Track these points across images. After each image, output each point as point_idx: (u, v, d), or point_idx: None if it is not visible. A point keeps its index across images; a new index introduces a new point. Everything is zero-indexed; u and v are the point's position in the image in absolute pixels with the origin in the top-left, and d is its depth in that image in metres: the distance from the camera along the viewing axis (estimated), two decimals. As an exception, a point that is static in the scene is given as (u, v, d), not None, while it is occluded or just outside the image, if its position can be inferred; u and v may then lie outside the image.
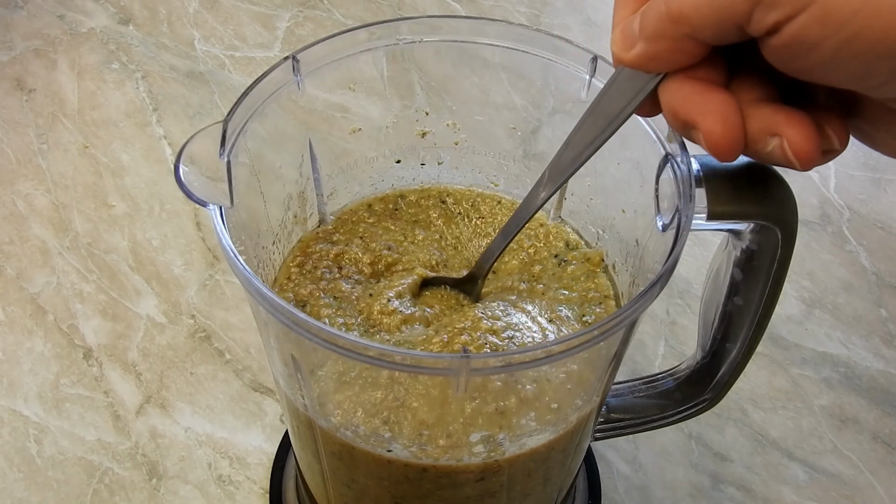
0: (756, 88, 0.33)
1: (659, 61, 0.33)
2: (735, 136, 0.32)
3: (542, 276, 0.49)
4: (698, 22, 0.31)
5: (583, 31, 0.95)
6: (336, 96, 0.47)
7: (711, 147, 0.33)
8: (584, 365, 0.41)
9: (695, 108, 0.33)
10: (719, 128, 0.32)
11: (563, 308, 0.47)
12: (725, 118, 0.32)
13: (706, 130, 0.32)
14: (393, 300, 0.46)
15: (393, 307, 0.45)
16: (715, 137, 0.32)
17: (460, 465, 0.41)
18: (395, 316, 0.45)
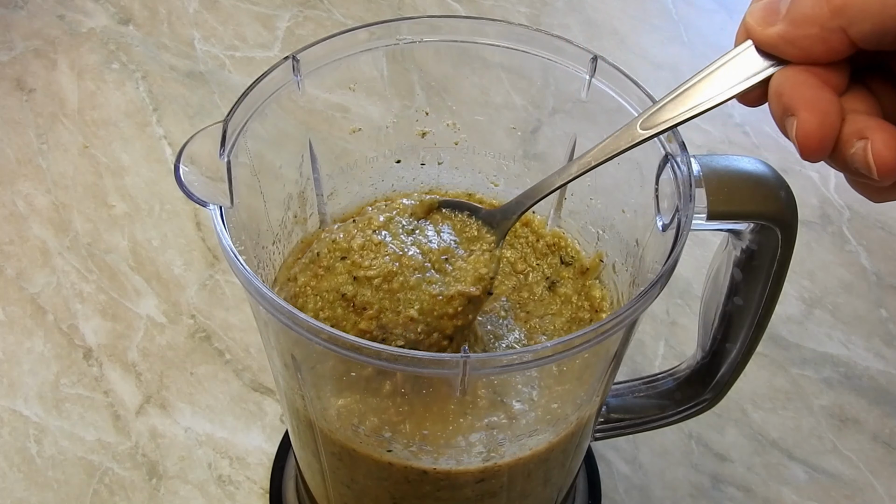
0: (863, 102, 0.33)
1: (796, 48, 0.32)
2: (827, 135, 0.32)
3: (527, 303, 0.49)
4: (859, 17, 0.30)
5: (583, 31, 0.95)
6: (336, 96, 0.47)
7: (801, 138, 0.32)
8: (584, 365, 0.41)
9: (801, 98, 0.32)
10: (816, 123, 0.32)
11: (545, 337, 0.47)
12: (825, 116, 0.32)
13: (802, 121, 0.32)
14: (381, 231, 0.42)
15: (378, 240, 0.42)
16: (808, 130, 0.32)
17: (460, 466, 0.41)
18: (378, 254, 0.41)
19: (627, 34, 0.95)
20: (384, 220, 0.42)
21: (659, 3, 1.00)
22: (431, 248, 0.41)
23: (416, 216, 0.43)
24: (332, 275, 0.41)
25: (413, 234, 0.42)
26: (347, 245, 0.41)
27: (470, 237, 0.43)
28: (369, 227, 0.42)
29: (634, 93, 0.43)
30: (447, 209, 0.44)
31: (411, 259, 0.40)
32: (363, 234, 0.41)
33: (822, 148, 0.32)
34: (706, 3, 1.00)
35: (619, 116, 0.43)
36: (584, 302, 0.49)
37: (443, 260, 0.41)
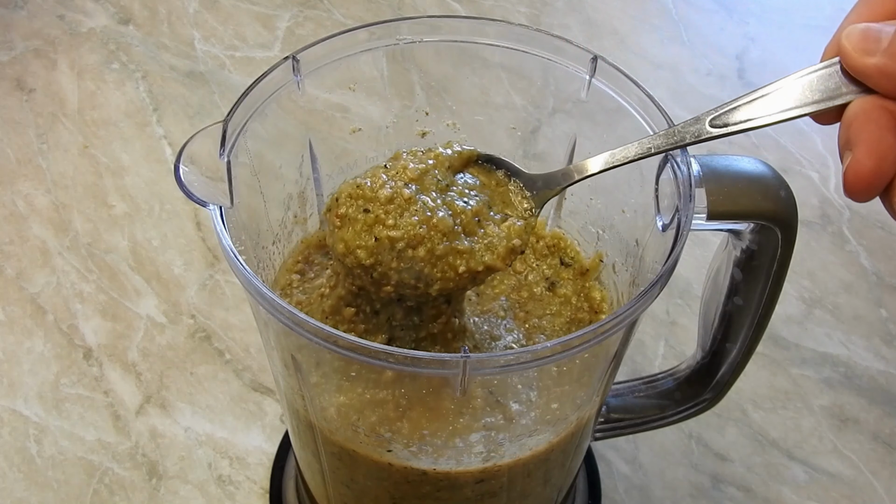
0: None
1: (892, 82, 0.32)
2: (875, 184, 0.31)
3: (527, 303, 0.49)
4: None
5: (583, 31, 0.95)
6: (336, 96, 0.47)
7: (850, 178, 0.32)
8: (584, 365, 0.41)
9: (866, 137, 0.32)
10: (870, 167, 0.31)
11: (543, 337, 0.47)
12: (881, 161, 0.31)
13: (857, 160, 0.31)
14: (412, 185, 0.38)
15: (408, 194, 0.38)
16: (859, 172, 0.31)
17: (460, 466, 0.41)
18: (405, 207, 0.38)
19: (627, 34, 0.95)
20: (418, 173, 0.39)
21: (659, 3, 1.00)
22: (465, 208, 0.39)
23: (454, 168, 0.40)
24: (350, 227, 0.38)
25: (446, 193, 0.39)
26: (373, 194, 0.38)
27: (505, 199, 0.41)
28: (401, 177, 0.38)
29: (634, 93, 0.43)
30: (486, 163, 0.41)
31: (441, 222, 0.38)
32: (393, 184, 0.38)
33: (866, 193, 0.32)
34: (706, 3, 1.00)
35: (619, 116, 0.44)
36: (583, 303, 0.49)
37: (475, 222, 0.39)
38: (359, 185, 0.38)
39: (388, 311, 0.41)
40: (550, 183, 0.41)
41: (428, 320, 0.42)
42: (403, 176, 0.39)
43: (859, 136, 0.32)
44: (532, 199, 0.41)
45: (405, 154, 0.40)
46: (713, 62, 0.92)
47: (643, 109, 0.42)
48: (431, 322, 0.42)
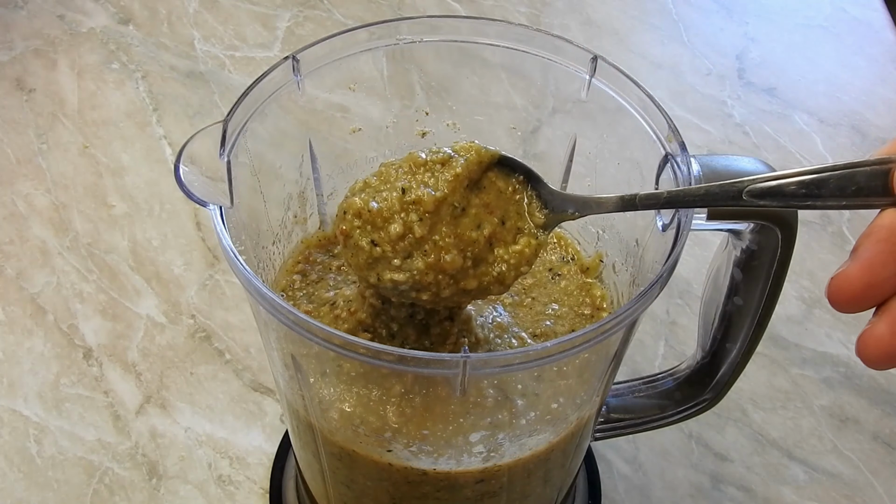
0: None
1: None
2: (854, 300, 0.31)
3: (532, 289, 0.49)
4: None
5: (583, 31, 0.95)
6: (336, 96, 0.47)
7: (832, 284, 0.32)
8: (585, 365, 0.41)
9: (871, 251, 0.31)
10: (856, 283, 0.31)
11: (551, 322, 0.47)
12: (869, 287, 0.30)
13: (846, 270, 0.31)
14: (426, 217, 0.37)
15: (419, 233, 0.37)
16: (842, 283, 0.31)
17: (460, 466, 0.41)
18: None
19: (627, 34, 0.95)
20: (435, 205, 0.37)
21: (659, 3, 1.00)
22: (478, 237, 0.38)
23: (473, 180, 0.38)
24: (355, 254, 0.38)
25: (461, 219, 0.38)
26: (383, 224, 0.37)
27: (520, 210, 0.40)
28: (416, 209, 0.37)
29: (634, 93, 0.43)
30: (503, 169, 0.40)
31: (451, 264, 0.37)
32: (405, 217, 0.37)
33: (847, 305, 0.31)
34: (706, 3, 1.00)
35: (619, 116, 0.44)
36: (585, 297, 0.49)
37: (487, 248, 0.38)
38: (369, 208, 0.37)
39: (403, 334, 0.42)
40: (570, 205, 0.40)
41: (438, 344, 0.42)
42: (419, 209, 0.37)
43: (866, 247, 0.31)
44: (547, 216, 0.40)
45: (422, 161, 0.38)
46: (713, 62, 0.92)
47: (643, 109, 0.42)
48: (441, 346, 0.42)
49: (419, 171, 0.38)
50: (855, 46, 0.95)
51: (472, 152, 0.39)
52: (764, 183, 0.34)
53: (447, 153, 0.39)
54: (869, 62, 0.94)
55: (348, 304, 0.44)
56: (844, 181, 0.32)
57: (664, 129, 0.41)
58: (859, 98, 0.89)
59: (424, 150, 0.39)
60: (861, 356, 0.31)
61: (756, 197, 0.34)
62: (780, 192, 0.33)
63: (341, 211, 0.38)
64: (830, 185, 0.32)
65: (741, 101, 0.88)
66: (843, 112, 0.87)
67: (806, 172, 0.33)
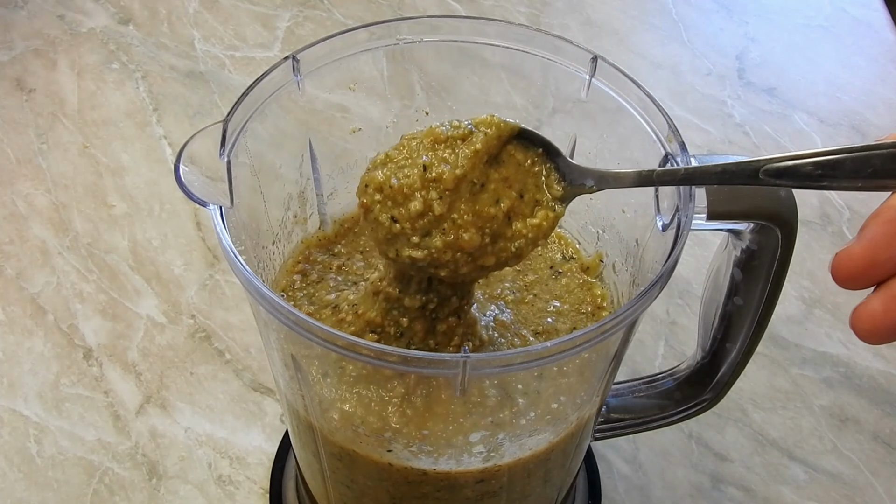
0: None
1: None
2: (856, 276, 0.31)
3: (534, 286, 0.49)
4: None
5: (583, 31, 0.95)
6: (336, 96, 0.47)
7: (835, 260, 0.31)
8: (585, 365, 0.41)
9: (876, 231, 0.31)
10: (858, 261, 0.31)
11: (552, 319, 0.47)
12: (871, 266, 0.31)
13: (849, 247, 0.31)
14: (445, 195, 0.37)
15: (439, 210, 0.37)
16: (843, 259, 0.31)
17: (460, 466, 0.41)
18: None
19: (627, 34, 0.95)
20: (455, 182, 0.37)
21: (659, 3, 1.00)
22: (496, 213, 0.38)
23: (492, 155, 0.38)
24: (375, 229, 0.38)
25: (480, 195, 0.38)
26: (403, 200, 0.38)
27: (538, 183, 0.39)
28: (437, 187, 0.37)
29: (634, 93, 0.43)
30: (522, 141, 0.40)
31: (469, 242, 0.38)
32: (426, 195, 0.37)
33: (849, 282, 0.31)
34: (706, 3, 1.00)
35: (619, 116, 0.44)
36: (585, 296, 0.49)
37: (506, 222, 0.38)
38: (390, 184, 0.37)
39: (411, 332, 0.42)
40: (587, 178, 0.39)
41: (443, 345, 0.42)
42: (439, 186, 0.37)
43: (874, 226, 0.31)
44: (565, 188, 0.40)
45: (443, 136, 0.38)
46: (713, 62, 0.92)
47: (643, 109, 0.42)
48: (445, 347, 0.42)
49: (440, 147, 0.38)
50: (855, 46, 0.95)
51: (491, 127, 0.39)
52: (781, 163, 0.34)
53: (467, 128, 0.39)
54: (869, 62, 0.94)
55: (354, 308, 0.44)
56: (860, 163, 0.32)
57: (664, 129, 0.41)
58: (859, 98, 0.89)
59: (445, 124, 0.39)
60: (854, 329, 0.31)
61: (772, 176, 0.34)
62: (796, 172, 0.33)
63: (363, 184, 0.38)
64: (846, 166, 0.32)
65: (741, 101, 0.88)
66: (843, 112, 0.87)
67: (822, 153, 0.33)
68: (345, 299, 0.45)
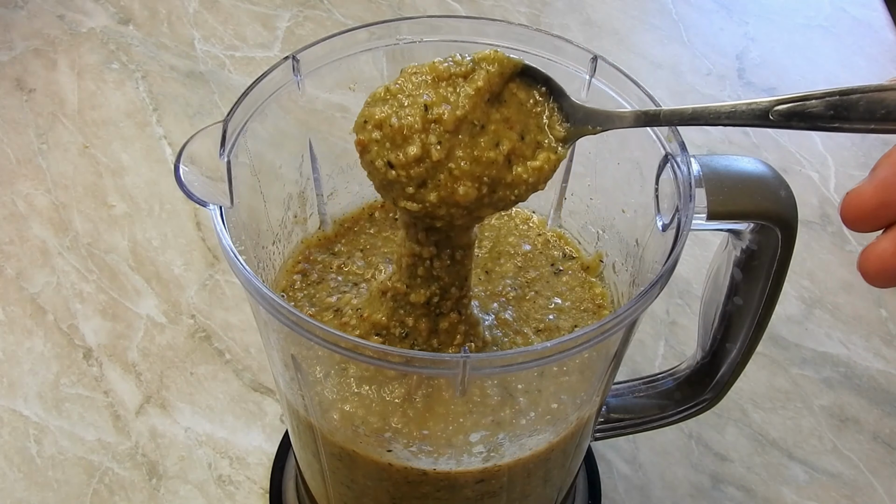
0: None
1: None
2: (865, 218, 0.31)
3: (535, 283, 0.49)
4: None
5: (583, 31, 0.95)
6: (336, 96, 0.47)
7: (844, 201, 0.31)
8: (585, 365, 0.41)
9: (891, 167, 0.30)
10: (868, 192, 0.30)
11: (553, 316, 0.47)
12: (884, 196, 0.30)
13: (859, 187, 0.31)
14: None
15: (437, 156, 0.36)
16: (853, 199, 0.31)
17: (460, 466, 0.41)
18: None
19: (627, 34, 0.95)
20: (455, 123, 0.36)
21: (659, 3, 1.00)
22: (496, 157, 0.37)
23: (494, 93, 0.37)
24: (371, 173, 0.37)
25: (480, 136, 0.37)
26: (402, 142, 0.36)
27: (539, 123, 0.38)
28: (436, 130, 0.36)
29: (634, 93, 0.42)
30: (525, 79, 0.39)
31: (465, 196, 0.37)
32: (425, 138, 0.36)
33: (857, 221, 0.31)
34: (706, 3, 1.00)
35: (619, 116, 0.43)
36: (586, 294, 0.49)
37: (506, 166, 0.37)
38: (390, 123, 0.36)
39: (416, 331, 0.42)
40: (591, 119, 0.38)
41: (446, 345, 0.42)
42: (439, 128, 0.36)
43: (883, 166, 0.31)
44: (568, 130, 0.39)
45: (446, 73, 0.37)
46: (713, 62, 0.92)
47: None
48: (449, 346, 0.42)
49: (441, 84, 0.37)
50: (855, 46, 0.95)
51: (494, 63, 0.38)
52: (791, 103, 0.33)
53: (469, 65, 0.37)
54: (869, 62, 0.94)
55: (358, 312, 0.44)
56: (874, 104, 0.32)
57: (664, 129, 0.41)
58: (859, 98, 0.89)
59: (448, 59, 0.38)
60: (861, 270, 0.31)
61: (783, 117, 0.33)
62: (806, 112, 0.33)
63: (361, 119, 0.37)
64: (860, 107, 0.32)
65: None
66: (843, 112, 0.87)
67: (834, 93, 0.32)
68: (347, 303, 0.45)
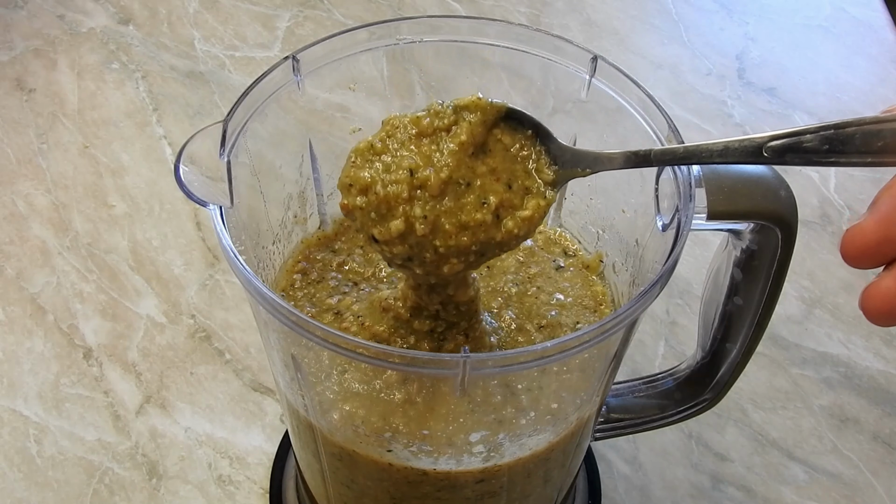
0: None
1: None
2: (867, 255, 0.30)
3: (537, 278, 0.49)
4: None
5: (583, 31, 0.95)
6: (336, 96, 0.47)
7: (845, 236, 0.31)
8: (585, 365, 0.41)
9: (891, 201, 0.30)
10: (870, 228, 0.30)
11: (555, 312, 0.47)
12: (886, 232, 0.30)
13: (861, 222, 0.30)
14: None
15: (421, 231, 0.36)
16: (855, 235, 0.30)
17: (460, 466, 0.41)
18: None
19: (627, 34, 0.95)
20: (441, 188, 0.36)
21: (659, 3, 1.00)
22: (485, 218, 0.36)
23: (478, 143, 0.37)
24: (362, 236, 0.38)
25: (467, 195, 0.36)
26: (388, 212, 0.36)
27: (527, 168, 0.38)
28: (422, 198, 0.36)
29: (634, 93, 0.43)
30: (509, 123, 0.38)
31: (449, 270, 0.37)
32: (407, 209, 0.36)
33: (859, 259, 0.31)
34: (706, 3, 1.00)
35: (619, 116, 0.44)
36: (587, 291, 0.49)
37: (494, 222, 0.37)
38: (375, 191, 0.36)
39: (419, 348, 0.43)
40: (580, 161, 0.38)
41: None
42: (423, 196, 0.36)
43: (883, 200, 0.30)
44: (556, 172, 0.38)
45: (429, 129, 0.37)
46: (713, 62, 0.92)
47: (643, 109, 0.42)
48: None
49: (424, 141, 0.37)
50: (855, 46, 0.95)
51: (476, 111, 0.37)
52: (785, 139, 0.32)
53: (451, 116, 0.37)
54: (869, 62, 0.94)
55: (359, 319, 0.44)
56: (870, 136, 0.31)
57: (664, 129, 0.41)
58: (859, 98, 0.89)
59: (430, 111, 0.37)
60: (864, 309, 0.30)
61: (777, 153, 0.33)
62: (800, 147, 0.32)
63: (346, 181, 0.37)
64: (856, 140, 0.31)
65: (741, 101, 0.88)
66: (842, 112, 0.87)
67: (829, 127, 0.31)
68: (348, 307, 0.45)
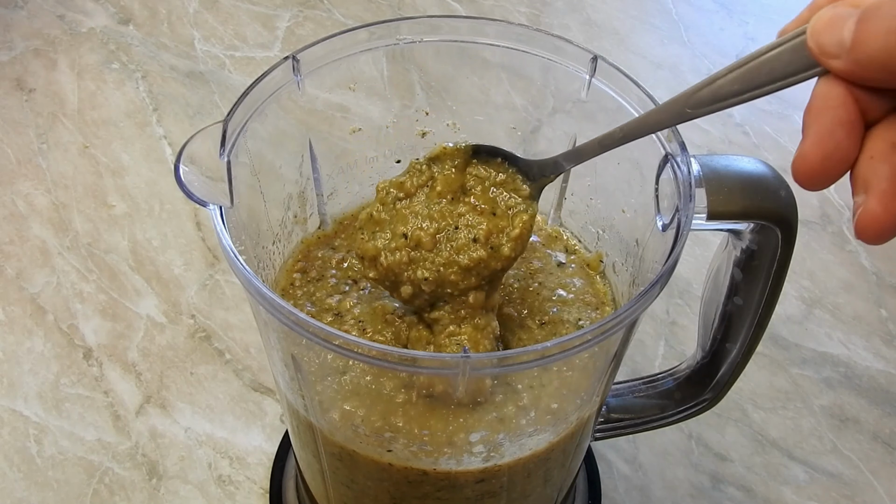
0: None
1: (860, 79, 0.30)
2: (819, 175, 0.30)
3: (538, 274, 0.49)
4: None
5: (583, 31, 0.95)
6: (336, 96, 0.47)
7: (795, 163, 0.31)
8: (584, 365, 0.41)
9: (817, 126, 0.30)
10: (815, 158, 0.30)
11: (557, 308, 0.47)
12: (826, 159, 0.30)
13: (803, 149, 0.30)
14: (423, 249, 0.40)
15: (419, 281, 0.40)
16: (801, 162, 0.30)
17: (460, 466, 0.41)
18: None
19: (627, 34, 0.95)
20: (431, 241, 0.41)
21: (659, 3, 1.00)
22: (474, 256, 0.40)
23: (458, 186, 0.41)
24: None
25: (455, 238, 0.41)
26: (395, 279, 0.41)
27: (505, 190, 0.42)
28: (419, 251, 0.40)
29: (634, 93, 0.43)
30: (481, 156, 0.42)
31: (459, 252, 0.40)
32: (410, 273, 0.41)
33: (812, 183, 0.31)
34: (706, 3, 1.00)
35: (619, 116, 0.43)
36: (589, 287, 0.49)
37: (487, 253, 0.40)
38: (380, 262, 0.40)
39: None
40: (544, 170, 0.41)
41: None
42: (421, 253, 0.40)
43: (812, 123, 0.30)
44: (531, 185, 0.41)
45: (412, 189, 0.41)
46: (713, 62, 0.92)
47: (643, 109, 0.42)
48: None
49: (411, 200, 0.41)
50: (855, 46, 0.95)
51: (444, 162, 0.41)
52: (701, 91, 0.34)
53: (427, 171, 0.42)
54: (869, 62, 0.94)
55: (360, 325, 0.44)
56: (774, 63, 0.32)
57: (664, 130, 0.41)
58: (859, 98, 0.89)
59: (410, 171, 0.42)
60: (862, 236, 0.30)
61: (698, 107, 0.34)
62: (719, 95, 0.33)
63: (360, 255, 0.42)
64: (763, 72, 0.32)
65: (741, 101, 0.88)
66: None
67: (735, 67, 0.33)
68: (348, 309, 0.45)
